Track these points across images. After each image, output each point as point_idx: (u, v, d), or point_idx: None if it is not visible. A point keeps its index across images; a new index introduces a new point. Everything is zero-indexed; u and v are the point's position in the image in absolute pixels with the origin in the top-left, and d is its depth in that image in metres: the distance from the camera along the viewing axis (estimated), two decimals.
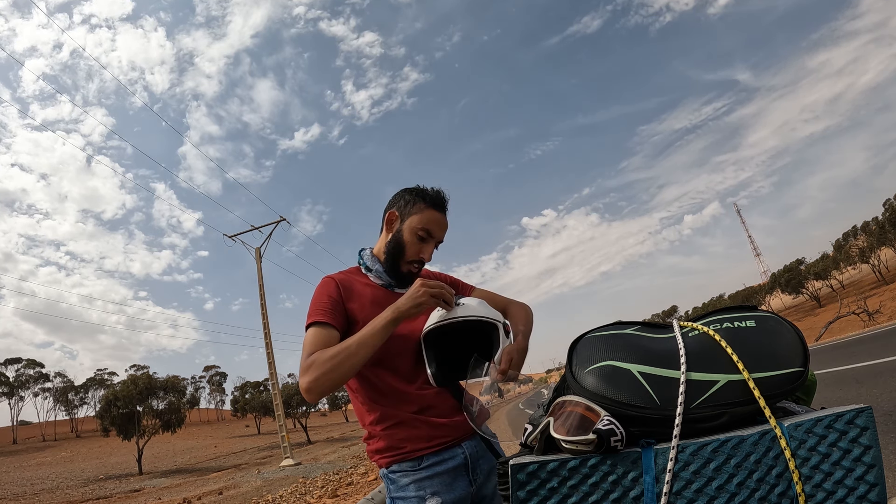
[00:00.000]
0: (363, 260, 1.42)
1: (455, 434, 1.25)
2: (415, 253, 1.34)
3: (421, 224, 1.33)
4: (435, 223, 1.35)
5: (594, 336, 0.88)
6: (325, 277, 1.36)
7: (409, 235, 1.33)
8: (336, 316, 1.24)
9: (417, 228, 1.33)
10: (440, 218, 1.36)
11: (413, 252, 1.34)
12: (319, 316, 1.21)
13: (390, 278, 1.37)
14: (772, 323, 0.81)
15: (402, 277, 1.36)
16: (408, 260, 1.34)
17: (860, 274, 56.33)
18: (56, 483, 22.67)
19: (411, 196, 1.37)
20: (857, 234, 47.22)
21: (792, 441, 0.67)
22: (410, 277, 1.34)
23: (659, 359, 0.78)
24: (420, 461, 1.21)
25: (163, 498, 14.70)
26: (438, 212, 1.35)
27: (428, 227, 1.33)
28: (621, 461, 0.69)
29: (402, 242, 1.34)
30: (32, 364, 61.36)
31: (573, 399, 0.77)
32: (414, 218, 1.34)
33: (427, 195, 1.36)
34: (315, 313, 1.22)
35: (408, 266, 1.35)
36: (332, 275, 1.38)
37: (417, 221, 1.33)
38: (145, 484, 19.80)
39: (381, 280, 1.38)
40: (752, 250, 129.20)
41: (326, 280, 1.34)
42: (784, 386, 0.73)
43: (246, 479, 16.57)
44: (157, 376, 31.12)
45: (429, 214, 1.34)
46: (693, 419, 0.71)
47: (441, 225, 1.36)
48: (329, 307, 1.24)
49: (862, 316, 20.27)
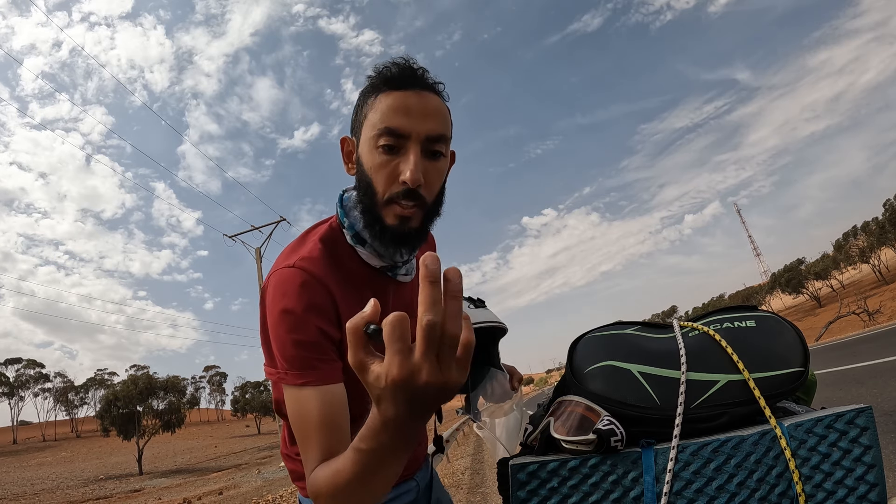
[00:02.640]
0: (351, 222, 0.85)
1: (413, 466, 1.00)
2: (387, 178, 0.77)
3: (376, 126, 0.77)
4: (397, 111, 0.76)
5: (594, 336, 0.88)
6: (293, 273, 0.77)
7: (370, 155, 0.78)
8: (333, 363, 0.76)
9: (375, 136, 0.77)
10: (403, 98, 0.77)
11: (384, 178, 0.77)
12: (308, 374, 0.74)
13: (386, 248, 0.83)
14: (772, 323, 0.81)
15: (392, 235, 0.80)
16: (383, 200, 0.78)
17: (860, 274, 56.31)
18: (56, 483, 22.67)
19: (360, 96, 0.83)
20: (857, 234, 47.24)
21: (792, 441, 0.67)
22: (401, 228, 0.79)
23: (659, 359, 0.78)
24: None
25: (163, 498, 14.70)
26: (398, 90, 0.77)
27: (387, 122, 0.76)
28: (622, 461, 0.69)
29: (367, 174, 0.79)
30: (32, 364, 61.39)
31: (573, 399, 0.77)
32: (367, 124, 0.79)
33: (377, 77, 0.79)
34: (299, 362, 0.74)
35: (391, 208, 0.79)
36: (304, 263, 0.79)
37: (371, 125, 0.78)
38: (145, 484, 19.80)
39: (379, 258, 0.86)
40: (752, 250, 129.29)
41: (301, 279, 0.77)
42: (784, 386, 0.73)
43: (246, 479, 16.57)
44: (157, 376, 31.15)
45: (384, 102, 0.77)
46: (693, 419, 0.71)
47: (411, 108, 0.77)
48: (320, 347, 0.75)
49: (862, 316, 20.27)
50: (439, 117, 0.79)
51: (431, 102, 0.79)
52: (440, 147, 0.79)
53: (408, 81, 0.78)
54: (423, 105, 0.78)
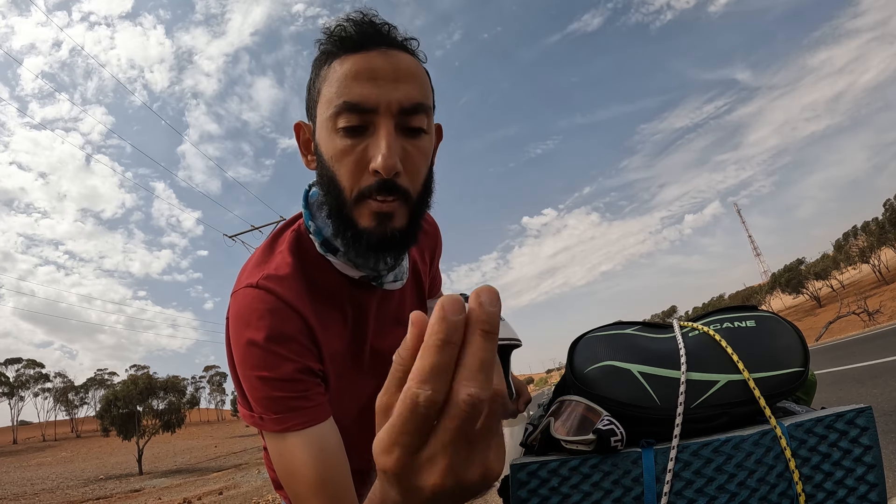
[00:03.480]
0: (318, 226, 0.69)
1: None
2: (356, 170, 0.61)
3: (332, 101, 0.60)
4: (361, 77, 0.59)
5: (594, 336, 0.88)
6: (257, 295, 0.62)
7: (329, 141, 0.62)
8: (317, 396, 0.63)
9: (333, 115, 0.60)
10: (373, 61, 0.59)
11: (351, 170, 0.61)
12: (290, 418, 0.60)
13: (365, 259, 0.67)
14: (772, 323, 0.81)
15: (375, 242, 0.63)
16: (352, 197, 0.62)
17: (860, 274, 56.34)
18: (56, 483, 22.67)
19: (314, 67, 0.65)
20: (857, 234, 47.26)
21: (792, 441, 0.67)
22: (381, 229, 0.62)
23: (659, 359, 0.78)
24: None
25: (163, 498, 14.70)
26: (360, 53, 0.60)
27: (349, 94, 0.59)
28: (622, 461, 0.69)
29: (328, 165, 0.62)
30: (32, 364, 61.42)
31: (574, 399, 0.77)
32: (322, 101, 0.62)
33: (327, 43, 0.63)
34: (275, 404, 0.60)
35: (364, 207, 0.62)
36: (269, 283, 0.63)
37: (327, 100, 0.61)
38: (145, 484, 19.80)
39: (356, 268, 0.70)
40: (752, 250, 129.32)
41: (267, 304, 0.62)
42: (784, 386, 0.73)
43: (246, 479, 16.56)
44: (157, 376, 31.15)
45: (344, 68, 0.60)
46: (693, 419, 0.71)
47: (379, 73, 0.59)
48: (298, 384, 0.61)
49: (862, 316, 20.28)
50: (415, 81, 0.60)
51: (402, 62, 0.60)
52: (419, 121, 0.61)
53: (369, 39, 0.59)
54: (393, 67, 0.59)
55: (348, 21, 0.61)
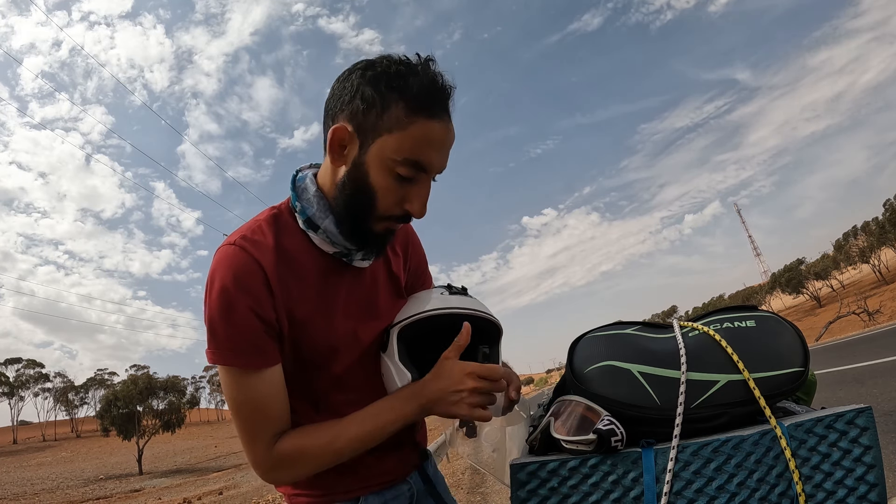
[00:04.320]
0: (304, 206, 0.80)
1: (404, 469, 0.94)
2: (394, 203, 0.75)
3: (402, 152, 0.71)
4: (429, 145, 0.72)
5: (594, 336, 0.88)
6: (234, 251, 0.74)
7: (380, 175, 0.73)
8: (271, 347, 0.75)
9: (396, 161, 0.71)
10: (438, 131, 0.72)
11: (390, 203, 0.75)
12: (247, 357, 0.72)
13: (347, 242, 0.79)
14: (772, 323, 0.81)
15: (371, 240, 0.80)
16: (381, 215, 0.76)
17: (860, 274, 56.36)
18: (56, 483, 22.69)
19: (377, 92, 0.71)
20: (857, 234, 47.31)
21: (792, 441, 0.67)
22: (385, 238, 0.81)
23: (659, 359, 0.78)
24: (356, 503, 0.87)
25: (163, 498, 14.71)
26: (434, 120, 0.71)
27: (417, 155, 0.72)
28: (622, 461, 0.69)
29: (370, 188, 0.74)
30: (32, 364, 61.45)
31: (574, 399, 0.77)
32: (387, 141, 0.71)
33: (408, 88, 0.70)
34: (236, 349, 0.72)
35: (383, 224, 0.78)
36: (247, 242, 0.75)
37: (395, 147, 0.71)
38: (145, 484, 19.82)
39: (332, 245, 0.80)
40: (752, 250, 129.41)
41: (242, 264, 0.73)
42: (784, 386, 0.73)
43: (246, 479, 16.57)
44: (157, 376, 31.21)
45: (417, 130, 0.71)
46: (693, 419, 0.71)
47: (442, 143, 0.73)
48: (259, 334, 0.73)
49: (862, 316, 20.29)
50: (452, 144, 0.77)
51: (452, 135, 0.75)
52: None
53: (442, 108, 0.72)
54: (450, 140, 0.75)
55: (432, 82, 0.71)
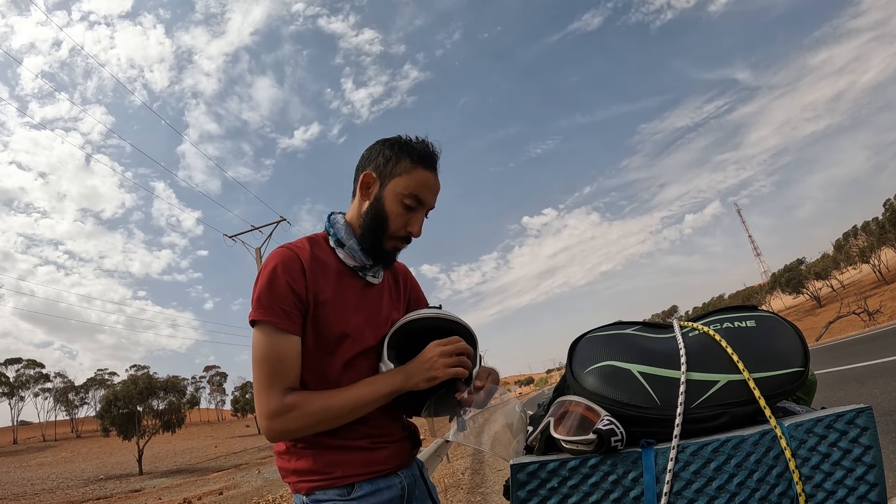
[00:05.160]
0: (334, 230, 1.12)
1: (396, 461, 1.06)
2: (401, 226, 1.08)
3: (408, 189, 1.06)
4: (425, 186, 1.08)
5: (594, 336, 0.88)
6: (282, 249, 1.04)
7: (392, 204, 1.07)
8: (297, 318, 1.00)
9: (403, 195, 1.06)
10: (431, 179, 1.09)
11: (398, 225, 1.08)
12: (279, 318, 0.97)
13: (366, 258, 1.11)
14: (772, 323, 0.81)
15: (384, 255, 1.11)
16: (392, 234, 1.09)
17: (860, 274, 56.36)
18: (56, 483, 22.68)
19: (392, 152, 1.08)
20: (857, 234, 47.27)
21: (792, 441, 0.67)
22: (393, 254, 1.13)
23: (659, 359, 0.78)
24: (351, 489, 0.99)
25: (163, 498, 14.71)
26: (429, 171, 1.09)
27: (417, 192, 1.07)
28: (622, 461, 0.69)
29: (385, 213, 1.07)
30: (32, 364, 61.40)
31: (573, 399, 0.77)
32: (398, 181, 1.06)
33: (413, 150, 1.07)
34: (272, 310, 0.97)
35: (392, 242, 1.10)
36: (292, 246, 1.06)
37: (403, 186, 1.06)
38: (145, 484, 19.82)
39: (353, 259, 1.11)
40: (752, 250, 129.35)
41: (287, 255, 1.02)
42: (784, 386, 0.73)
43: (246, 479, 16.57)
44: (157, 376, 31.16)
45: (417, 176, 1.07)
46: (693, 419, 0.71)
47: (433, 188, 1.10)
48: (291, 304, 0.99)
49: (862, 316, 20.28)
50: (438, 192, 1.13)
51: (439, 184, 1.12)
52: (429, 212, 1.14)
53: (433, 165, 1.10)
54: (437, 186, 1.11)
55: (428, 148, 1.09)
